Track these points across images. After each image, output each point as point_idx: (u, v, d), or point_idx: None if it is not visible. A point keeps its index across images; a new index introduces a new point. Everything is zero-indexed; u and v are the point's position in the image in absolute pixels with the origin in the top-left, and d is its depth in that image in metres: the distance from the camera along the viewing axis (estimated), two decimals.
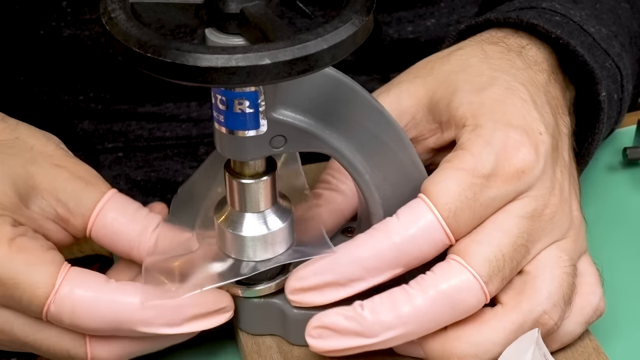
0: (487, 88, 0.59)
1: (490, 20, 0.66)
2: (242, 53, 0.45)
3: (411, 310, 0.54)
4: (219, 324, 0.58)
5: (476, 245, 0.55)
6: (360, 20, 0.47)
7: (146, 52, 0.46)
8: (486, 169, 0.55)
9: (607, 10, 0.72)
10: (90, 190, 0.58)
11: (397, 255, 0.55)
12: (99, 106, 0.80)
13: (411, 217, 0.55)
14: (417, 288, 0.54)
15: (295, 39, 0.46)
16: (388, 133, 0.56)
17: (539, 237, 0.56)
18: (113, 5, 0.48)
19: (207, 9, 0.50)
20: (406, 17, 0.80)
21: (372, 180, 0.57)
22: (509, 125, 0.57)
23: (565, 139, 0.61)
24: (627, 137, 0.76)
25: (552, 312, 0.56)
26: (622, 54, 0.70)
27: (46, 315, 0.55)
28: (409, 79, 0.63)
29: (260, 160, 0.55)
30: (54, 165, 0.59)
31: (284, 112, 0.53)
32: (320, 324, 0.55)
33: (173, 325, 0.56)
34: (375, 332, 0.54)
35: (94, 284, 0.55)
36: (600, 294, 0.59)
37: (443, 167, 0.56)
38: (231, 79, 0.45)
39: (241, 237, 0.57)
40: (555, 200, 0.57)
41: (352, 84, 0.55)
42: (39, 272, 0.54)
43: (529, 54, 0.63)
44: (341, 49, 0.47)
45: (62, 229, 0.59)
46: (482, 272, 0.54)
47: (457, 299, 0.54)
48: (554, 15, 0.67)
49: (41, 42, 0.77)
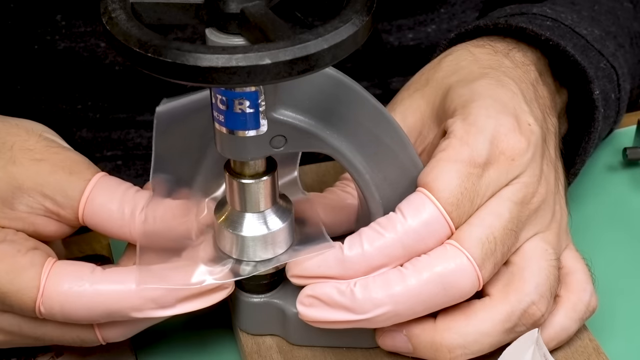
0: (477, 80, 0.60)
1: (480, 26, 0.67)
2: (242, 53, 0.45)
3: (403, 290, 0.54)
4: (216, 301, 0.57)
5: (470, 228, 0.55)
6: (360, 20, 0.47)
7: (147, 52, 0.46)
8: (482, 158, 0.56)
9: (606, 12, 0.72)
10: (74, 180, 0.57)
11: (402, 250, 0.55)
12: (97, 115, 0.80)
13: (414, 212, 0.55)
14: (412, 269, 0.55)
15: (296, 38, 0.45)
16: (388, 133, 0.56)
17: (524, 225, 0.57)
18: (113, 5, 0.48)
19: (208, 9, 0.50)
20: (406, 25, 0.81)
21: (372, 180, 0.57)
22: (500, 113, 0.57)
23: (552, 137, 0.62)
24: (627, 137, 0.76)
25: (540, 303, 0.56)
26: (617, 53, 0.70)
27: (40, 315, 0.55)
28: (409, 94, 0.64)
29: (260, 160, 0.55)
30: (34, 160, 0.58)
31: (284, 112, 0.53)
32: (312, 293, 0.56)
33: (166, 307, 0.55)
34: (365, 308, 0.55)
35: (78, 277, 0.55)
36: (590, 290, 0.59)
37: (439, 158, 0.56)
38: (232, 79, 0.45)
39: (241, 237, 0.57)
40: (542, 190, 0.58)
41: (352, 84, 0.55)
42: (21, 279, 0.54)
43: (516, 56, 0.64)
44: (342, 48, 0.46)
45: (56, 222, 0.58)
46: (475, 255, 0.55)
47: (450, 282, 0.54)
48: (544, 20, 0.68)
49: (36, 56, 0.77)
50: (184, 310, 0.56)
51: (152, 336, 0.61)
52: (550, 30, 0.66)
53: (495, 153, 0.56)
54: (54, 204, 0.57)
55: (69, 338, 0.57)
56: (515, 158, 0.56)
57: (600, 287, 0.61)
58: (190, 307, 0.56)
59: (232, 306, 0.61)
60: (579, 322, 0.59)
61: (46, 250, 0.57)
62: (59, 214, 0.58)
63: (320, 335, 0.59)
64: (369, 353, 0.60)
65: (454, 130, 0.57)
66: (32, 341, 0.58)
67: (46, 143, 0.59)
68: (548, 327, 0.58)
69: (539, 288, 0.56)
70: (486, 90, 0.59)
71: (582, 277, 0.59)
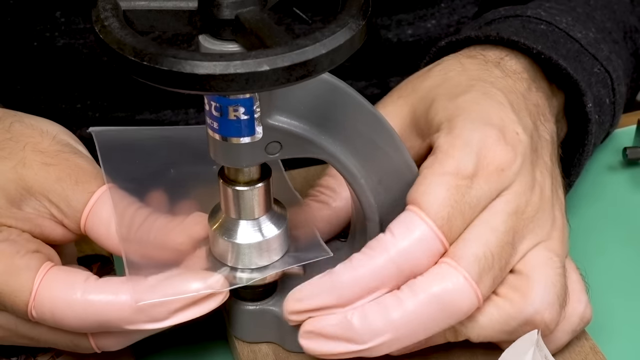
0: (463, 94, 0.59)
1: (471, 37, 0.66)
2: (240, 60, 0.44)
3: (401, 315, 0.54)
4: (210, 309, 0.56)
5: (465, 244, 0.54)
6: (357, 25, 0.47)
7: (142, 60, 0.45)
8: (468, 170, 0.55)
9: (602, 7, 0.72)
10: (79, 191, 0.57)
11: (395, 271, 0.54)
12: (97, 114, 0.80)
13: (405, 231, 0.54)
14: (407, 292, 0.54)
15: (293, 44, 0.45)
16: (382, 137, 0.56)
17: (522, 236, 0.56)
18: (105, 13, 0.48)
19: (201, 15, 0.49)
20: (406, 20, 0.80)
21: (367, 184, 0.57)
22: (486, 125, 0.57)
23: (546, 144, 0.61)
24: (627, 137, 0.77)
25: (545, 312, 0.55)
26: (611, 56, 0.70)
27: (32, 318, 0.54)
28: (392, 101, 0.63)
29: (254, 167, 0.55)
30: (44, 164, 0.57)
31: (279, 118, 0.53)
32: (311, 329, 0.55)
33: (159, 320, 0.54)
34: (365, 338, 0.54)
35: (71, 285, 0.54)
36: (585, 301, 0.59)
37: (425, 174, 0.56)
38: (230, 86, 0.45)
39: (236, 244, 0.56)
40: (535, 198, 0.57)
41: (347, 89, 0.54)
42: (15, 281, 0.54)
43: (507, 65, 0.64)
44: (339, 53, 0.46)
45: (62, 227, 0.58)
46: (472, 272, 0.54)
47: (448, 301, 0.54)
48: (538, 23, 0.68)
49: (36, 53, 0.77)
50: (178, 321, 0.55)
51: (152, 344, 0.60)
52: (544, 36, 0.66)
53: (483, 164, 0.55)
54: (58, 212, 0.57)
55: (63, 343, 0.57)
56: (504, 168, 0.56)
57: (600, 287, 0.61)
58: (184, 317, 0.55)
59: (227, 314, 0.61)
60: (571, 334, 0.59)
61: (48, 254, 0.57)
62: (63, 222, 0.57)
63: None
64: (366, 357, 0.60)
65: (439, 145, 0.57)
66: (28, 341, 0.58)
67: (59, 147, 0.59)
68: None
69: (544, 297, 0.55)
70: (471, 105, 0.58)
71: (577, 288, 0.59)
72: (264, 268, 0.57)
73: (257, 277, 0.57)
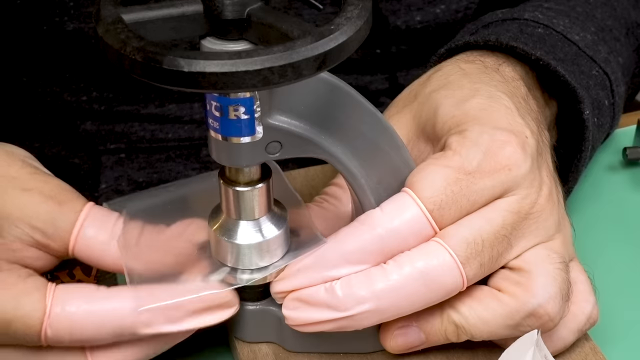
0: (469, 100, 0.59)
1: (470, 42, 0.66)
2: (243, 58, 0.44)
3: (385, 286, 0.54)
4: (223, 319, 0.56)
5: (457, 227, 0.55)
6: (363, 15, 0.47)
7: (142, 59, 0.45)
8: (472, 166, 0.56)
9: (602, 4, 0.72)
10: (65, 212, 0.56)
11: (381, 247, 0.55)
12: (102, 107, 0.80)
13: (396, 210, 0.55)
14: (393, 265, 0.55)
15: (307, 38, 0.45)
16: (383, 136, 0.56)
17: (523, 234, 0.56)
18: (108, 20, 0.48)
19: (208, 16, 0.49)
20: (415, 4, 0.80)
21: (367, 184, 0.57)
22: (495, 128, 0.57)
23: (547, 150, 0.62)
24: (627, 137, 0.77)
25: (548, 306, 0.56)
26: (609, 57, 0.70)
27: (45, 340, 0.54)
28: (398, 110, 0.64)
29: (255, 167, 0.55)
30: (22, 189, 0.56)
31: (279, 118, 0.53)
32: (296, 296, 0.56)
33: (174, 322, 0.55)
34: (348, 305, 0.54)
35: (84, 296, 0.54)
36: (593, 301, 0.59)
37: (429, 162, 0.56)
38: (232, 84, 0.45)
39: (237, 245, 0.56)
40: (542, 200, 0.57)
41: (347, 88, 0.54)
42: (27, 302, 0.53)
43: (505, 71, 0.64)
44: (349, 47, 0.47)
45: (44, 253, 0.57)
46: (459, 252, 0.54)
47: (432, 277, 0.54)
48: (536, 27, 0.68)
49: (45, 38, 0.76)
50: (192, 325, 0.55)
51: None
52: (541, 40, 0.66)
53: (490, 162, 0.56)
54: (43, 236, 0.56)
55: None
56: (512, 168, 0.56)
57: (599, 286, 0.61)
58: (199, 323, 0.56)
59: None
60: (577, 333, 0.59)
61: (42, 277, 0.56)
62: (48, 246, 0.56)
63: (316, 341, 0.59)
64: (365, 358, 0.60)
65: (449, 144, 0.57)
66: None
67: (31, 170, 0.58)
68: (545, 335, 0.57)
69: (546, 289, 0.56)
70: (478, 111, 0.58)
71: (585, 288, 0.59)
72: (264, 268, 0.57)
73: (257, 277, 0.57)
